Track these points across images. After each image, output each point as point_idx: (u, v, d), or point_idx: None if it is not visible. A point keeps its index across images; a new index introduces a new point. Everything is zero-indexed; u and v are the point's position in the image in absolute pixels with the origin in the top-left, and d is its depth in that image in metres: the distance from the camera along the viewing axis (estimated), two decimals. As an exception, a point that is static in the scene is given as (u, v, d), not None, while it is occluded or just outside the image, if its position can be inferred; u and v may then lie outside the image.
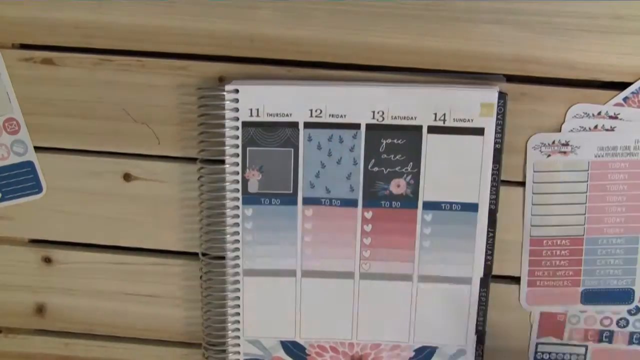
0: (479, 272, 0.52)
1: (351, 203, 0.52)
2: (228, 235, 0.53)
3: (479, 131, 0.50)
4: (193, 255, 0.56)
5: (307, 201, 0.52)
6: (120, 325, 0.58)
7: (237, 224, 0.53)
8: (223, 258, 0.53)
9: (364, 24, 0.50)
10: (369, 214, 0.52)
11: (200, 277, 0.54)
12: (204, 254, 0.53)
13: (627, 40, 0.49)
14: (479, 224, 0.51)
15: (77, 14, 0.52)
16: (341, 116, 0.49)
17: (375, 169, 0.51)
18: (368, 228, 0.52)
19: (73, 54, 0.53)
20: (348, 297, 0.53)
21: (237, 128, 0.51)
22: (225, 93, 0.50)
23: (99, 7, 0.51)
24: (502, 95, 0.49)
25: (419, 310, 0.53)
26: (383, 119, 0.50)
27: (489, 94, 0.49)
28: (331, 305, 0.53)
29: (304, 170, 0.51)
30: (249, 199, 0.52)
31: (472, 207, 0.51)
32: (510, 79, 0.51)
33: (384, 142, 0.50)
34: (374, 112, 0.50)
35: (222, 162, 0.52)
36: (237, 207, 0.52)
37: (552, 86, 0.50)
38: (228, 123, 0.51)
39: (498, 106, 0.49)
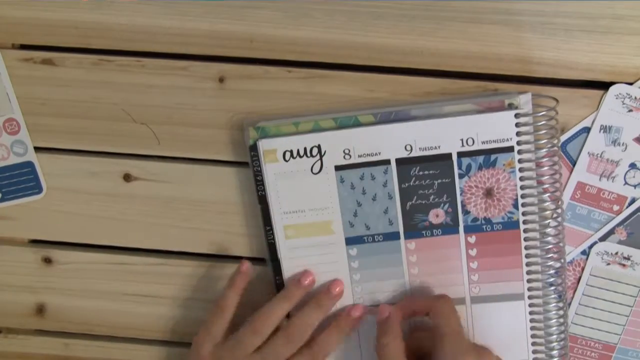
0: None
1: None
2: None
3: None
4: (192, 255, 0.56)
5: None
6: (120, 326, 0.58)
7: None
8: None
9: (364, 24, 0.50)
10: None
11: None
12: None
13: (628, 40, 0.49)
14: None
15: (76, 15, 0.52)
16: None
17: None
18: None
19: (73, 54, 0.53)
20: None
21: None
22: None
23: (98, 8, 0.51)
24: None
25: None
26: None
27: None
28: None
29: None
30: None
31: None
32: (510, 79, 0.51)
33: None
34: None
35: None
36: None
37: (552, 86, 0.50)
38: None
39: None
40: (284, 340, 0.50)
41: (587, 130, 0.51)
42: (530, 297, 0.52)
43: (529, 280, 0.52)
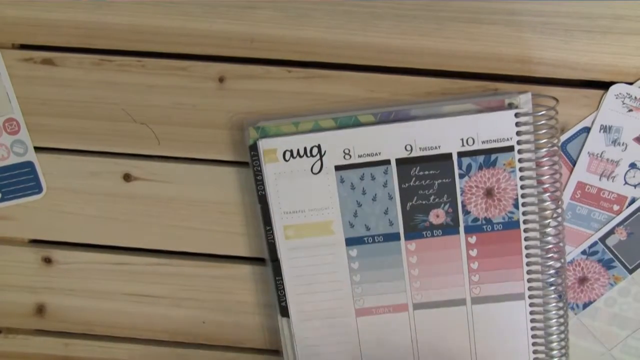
0: None
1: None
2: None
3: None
4: (192, 255, 0.56)
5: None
6: (120, 326, 0.58)
7: None
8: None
9: (364, 24, 0.50)
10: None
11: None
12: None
13: (627, 40, 0.49)
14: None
15: (77, 14, 0.52)
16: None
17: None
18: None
19: (73, 54, 0.53)
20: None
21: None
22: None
23: (99, 8, 0.51)
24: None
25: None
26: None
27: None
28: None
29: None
30: None
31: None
32: (511, 79, 0.51)
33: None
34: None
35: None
36: None
37: (552, 86, 0.50)
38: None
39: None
40: None
41: (587, 130, 0.51)
42: (530, 297, 0.52)
43: (529, 280, 0.52)
